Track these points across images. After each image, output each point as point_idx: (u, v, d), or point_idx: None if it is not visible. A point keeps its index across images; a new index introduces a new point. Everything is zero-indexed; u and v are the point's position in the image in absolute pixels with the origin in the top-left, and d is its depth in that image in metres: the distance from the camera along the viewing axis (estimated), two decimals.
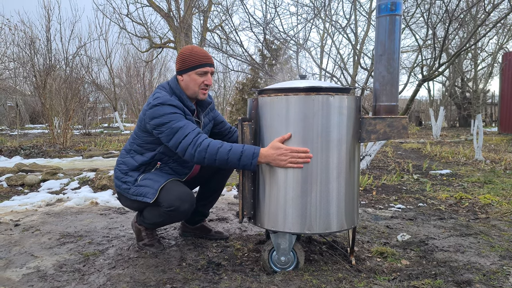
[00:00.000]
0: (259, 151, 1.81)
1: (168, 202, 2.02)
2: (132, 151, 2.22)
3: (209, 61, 2.11)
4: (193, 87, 2.12)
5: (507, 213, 3.05)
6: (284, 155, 1.77)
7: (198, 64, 2.08)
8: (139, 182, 2.12)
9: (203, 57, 2.10)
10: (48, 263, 2.10)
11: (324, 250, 2.22)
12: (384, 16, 1.87)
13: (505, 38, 8.53)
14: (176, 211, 2.02)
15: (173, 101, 2.03)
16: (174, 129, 1.95)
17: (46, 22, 10.44)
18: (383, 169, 5.32)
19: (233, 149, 1.83)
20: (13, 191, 4.04)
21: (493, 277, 1.89)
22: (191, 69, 2.09)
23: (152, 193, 2.05)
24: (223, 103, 16.80)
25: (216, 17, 12.10)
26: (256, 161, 1.81)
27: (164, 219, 2.14)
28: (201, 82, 2.11)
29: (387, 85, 1.90)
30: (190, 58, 2.09)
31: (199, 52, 2.11)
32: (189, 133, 1.93)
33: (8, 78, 17.95)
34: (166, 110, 1.99)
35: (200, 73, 2.09)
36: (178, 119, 1.98)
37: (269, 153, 1.79)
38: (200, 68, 2.09)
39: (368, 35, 5.49)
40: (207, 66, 2.10)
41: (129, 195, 2.15)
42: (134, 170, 2.17)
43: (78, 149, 7.84)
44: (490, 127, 16.23)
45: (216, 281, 1.85)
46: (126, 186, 2.16)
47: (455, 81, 12.69)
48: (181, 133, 1.93)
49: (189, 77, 2.11)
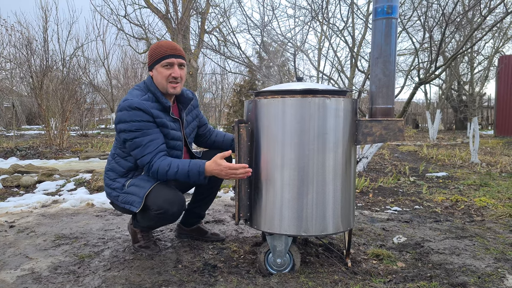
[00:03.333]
0: (204, 168, 1.92)
1: (156, 205, 1.99)
2: (115, 155, 2.19)
3: (173, 52, 2.06)
4: (161, 81, 2.08)
5: (502, 215, 3.07)
6: (224, 172, 1.88)
7: (162, 56, 2.05)
8: (126, 188, 2.10)
9: (166, 49, 2.06)
10: (43, 264, 2.08)
11: (320, 252, 2.23)
12: (381, 19, 1.88)
13: (501, 41, 8.59)
14: (166, 214, 2.01)
15: (141, 104, 1.99)
16: (136, 143, 1.99)
17: (43, 23, 10.43)
18: (380, 172, 5.33)
19: (179, 170, 1.95)
20: (8, 192, 4.02)
21: (488, 279, 1.90)
22: (156, 62, 2.07)
23: (138, 202, 2.03)
24: (221, 105, 16.81)
25: (214, 19, 12.12)
26: (203, 177, 1.94)
27: (156, 222, 2.14)
28: (168, 74, 2.06)
29: (383, 88, 1.91)
30: (155, 51, 2.07)
31: (164, 45, 2.08)
32: (146, 155, 1.98)
33: (4, 79, 17.90)
34: (132, 116, 1.97)
35: (165, 64, 2.06)
36: (142, 130, 1.97)
37: (212, 167, 1.92)
38: (164, 59, 2.05)
39: (365, 38, 5.50)
40: (171, 58, 2.05)
41: (118, 203, 2.14)
42: (122, 177, 2.15)
43: (74, 150, 7.81)
44: (486, 130, 16.31)
45: (212, 283, 1.84)
46: (116, 193, 2.13)
47: (452, 84, 12.75)
48: (140, 152, 1.99)
49: (157, 71, 2.08)
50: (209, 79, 21.23)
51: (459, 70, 10.57)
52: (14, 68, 16.08)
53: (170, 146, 2.11)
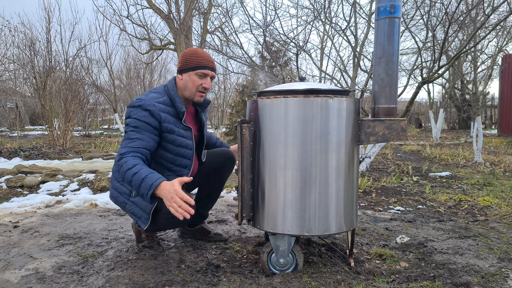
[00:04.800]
0: (159, 184, 1.75)
1: (167, 208, 2.00)
2: None
3: (210, 65, 2.11)
4: (191, 88, 2.11)
5: (506, 215, 3.05)
6: (170, 195, 1.71)
7: (200, 65, 2.08)
8: (133, 197, 2.09)
9: (205, 60, 2.10)
10: (47, 264, 2.09)
11: (323, 252, 2.22)
12: (383, 18, 1.88)
13: (504, 40, 8.55)
14: (176, 218, 2.01)
15: (151, 105, 2.00)
16: (128, 135, 1.99)
17: (46, 24, 10.41)
18: (383, 171, 5.32)
19: (137, 175, 1.80)
20: (12, 193, 4.04)
21: (491, 279, 1.89)
22: (192, 69, 2.09)
23: (145, 218, 2.03)
24: (223, 105, 16.81)
25: (216, 19, 12.14)
26: (151, 193, 1.76)
27: (165, 225, 2.15)
28: (200, 84, 2.10)
29: (386, 88, 1.90)
30: (192, 58, 2.09)
31: (203, 54, 2.12)
32: (126, 147, 1.93)
33: (8, 79, 17.95)
34: (138, 114, 1.99)
35: (200, 74, 2.09)
36: (139, 128, 1.98)
37: (164, 188, 1.74)
38: (200, 69, 2.09)
39: (368, 37, 5.50)
40: (207, 69, 2.10)
41: (126, 210, 2.15)
42: None
43: (77, 151, 7.84)
44: (490, 129, 16.24)
45: (215, 283, 1.85)
46: (123, 198, 2.14)
47: (455, 83, 12.70)
48: (125, 143, 1.98)
49: (188, 77, 2.10)
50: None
51: (462, 69, 10.53)
52: (18, 69, 16.13)
53: (178, 153, 2.11)
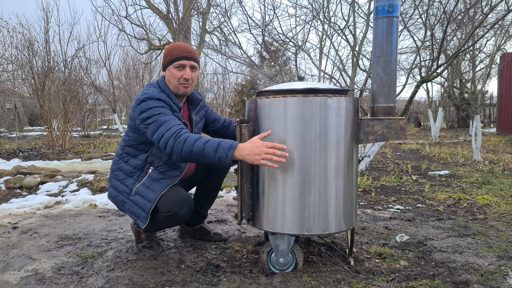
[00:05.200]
0: (237, 144, 1.80)
1: (166, 207, 2.01)
2: (124, 154, 2.20)
3: (186, 54, 2.10)
4: (173, 82, 2.12)
5: (505, 213, 3.06)
6: (260, 149, 1.72)
7: (175, 57, 2.10)
8: (133, 196, 2.10)
9: (180, 51, 2.10)
10: (47, 265, 2.09)
11: (322, 252, 2.23)
12: (382, 18, 1.88)
13: (503, 39, 8.55)
14: (175, 216, 2.02)
15: (160, 95, 2.04)
16: (160, 122, 1.95)
17: (45, 24, 10.41)
18: (382, 170, 5.32)
19: (211, 141, 1.83)
20: (11, 194, 4.04)
21: (491, 277, 1.90)
22: (169, 63, 2.11)
23: (144, 217, 2.04)
24: (223, 104, 16.82)
25: (215, 19, 12.13)
26: (232, 153, 1.76)
27: (164, 224, 2.15)
28: (180, 76, 2.10)
29: (385, 87, 1.90)
30: (169, 52, 2.12)
31: (178, 46, 2.12)
32: (173, 127, 1.92)
33: (6, 80, 17.92)
34: (153, 104, 2.00)
35: (177, 66, 2.10)
36: (164, 113, 1.99)
37: (246, 145, 1.77)
38: (176, 61, 2.09)
39: (366, 36, 5.49)
40: (183, 59, 2.09)
41: (125, 209, 2.15)
42: (129, 176, 2.16)
43: (77, 151, 7.83)
44: (488, 128, 16.27)
45: (215, 283, 1.85)
46: (122, 197, 2.14)
47: (454, 82, 12.71)
48: (165, 127, 1.93)
49: (169, 72, 2.12)
50: (211, 79, 21.25)
51: (461, 68, 10.54)
52: (16, 70, 16.12)
53: None
